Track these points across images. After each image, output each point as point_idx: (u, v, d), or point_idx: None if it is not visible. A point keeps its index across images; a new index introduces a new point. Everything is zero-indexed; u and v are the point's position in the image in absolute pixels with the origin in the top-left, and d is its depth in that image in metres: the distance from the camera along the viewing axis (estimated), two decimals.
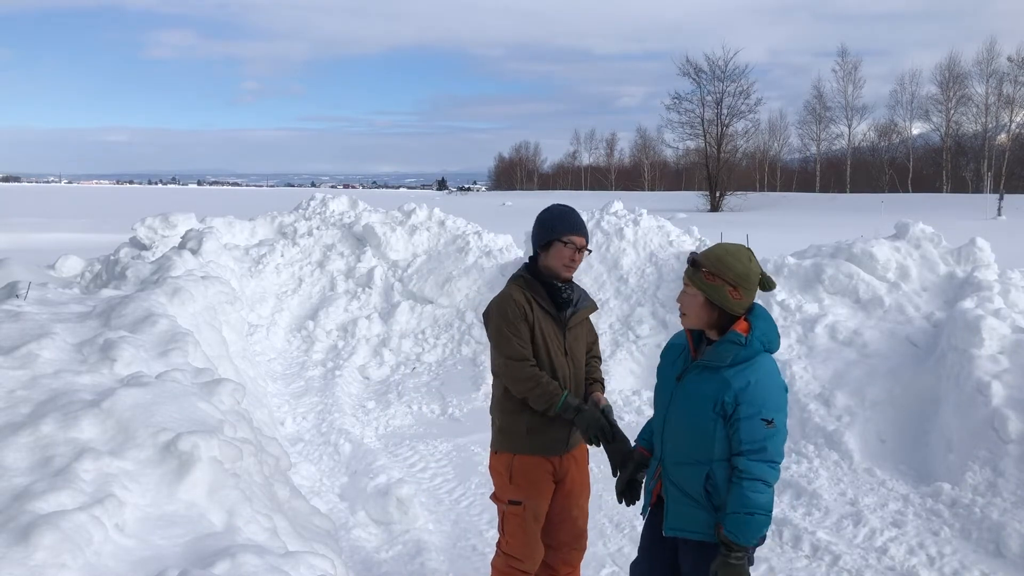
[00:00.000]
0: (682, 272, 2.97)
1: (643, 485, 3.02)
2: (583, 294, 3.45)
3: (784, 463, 5.48)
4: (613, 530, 4.76)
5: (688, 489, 2.75)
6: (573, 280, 3.42)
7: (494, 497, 3.47)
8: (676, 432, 2.79)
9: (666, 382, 2.89)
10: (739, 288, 2.69)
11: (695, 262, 2.74)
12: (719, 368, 2.68)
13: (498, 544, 3.46)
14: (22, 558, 2.07)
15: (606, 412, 3.24)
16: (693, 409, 2.72)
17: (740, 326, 2.69)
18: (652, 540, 2.98)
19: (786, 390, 2.75)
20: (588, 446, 3.38)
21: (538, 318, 3.26)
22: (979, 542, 4.46)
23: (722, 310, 2.71)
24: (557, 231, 3.28)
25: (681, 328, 2.90)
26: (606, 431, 3.15)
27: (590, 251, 3.46)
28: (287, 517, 3.01)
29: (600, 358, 3.61)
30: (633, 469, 3.06)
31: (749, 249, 2.81)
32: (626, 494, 3.08)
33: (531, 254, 3.43)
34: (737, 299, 2.70)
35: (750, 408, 2.61)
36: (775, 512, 4.84)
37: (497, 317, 3.26)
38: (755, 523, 2.61)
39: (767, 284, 2.77)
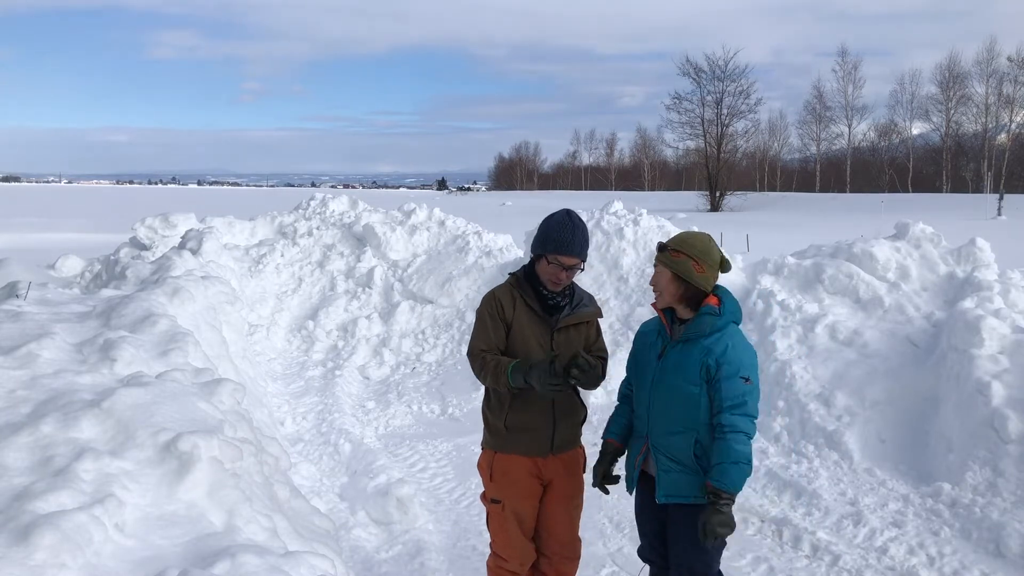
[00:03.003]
0: None
1: (630, 464, 3.22)
2: (585, 300, 3.34)
3: (784, 463, 5.56)
4: (613, 530, 4.75)
5: (679, 456, 3.00)
6: (575, 285, 3.32)
7: (482, 496, 3.48)
8: (664, 404, 3.03)
9: (647, 363, 3.13)
10: (701, 263, 2.99)
11: (662, 246, 3.06)
12: (699, 339, 2.97)
13: (490, 543, 3.49)
14: (22, 558, 2.07)
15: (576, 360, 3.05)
16: (680, 379, 2.98)
17: (711, 300, 3.00)
18: (642, 512, 3.23)
19: (755, 354, 3.04)
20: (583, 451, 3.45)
21: (519, 316, 3.24)
22: (979, 542, 4.46)
23: (689, 284, 2.99)
24: (546, 247, 3.17)
25: (644, 319, 3.03)
26: (557, 376, 3.00)
27: (583, 269, 3.27)
28: (287, 517, 3.00)
29: (604, 357, 3.41)
30: (609, 461, 3.29)
31: (709, 235, 3.21)
32: (604, 482, 3.30)
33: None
34: (701, 273, 2.99)
35: (730, 368, 2.90)
36: (775, 512, 4.88)
37: (478, 312, 3.32)
38: (740, 471, 2.85)
39: (725, 265, 3.09)
